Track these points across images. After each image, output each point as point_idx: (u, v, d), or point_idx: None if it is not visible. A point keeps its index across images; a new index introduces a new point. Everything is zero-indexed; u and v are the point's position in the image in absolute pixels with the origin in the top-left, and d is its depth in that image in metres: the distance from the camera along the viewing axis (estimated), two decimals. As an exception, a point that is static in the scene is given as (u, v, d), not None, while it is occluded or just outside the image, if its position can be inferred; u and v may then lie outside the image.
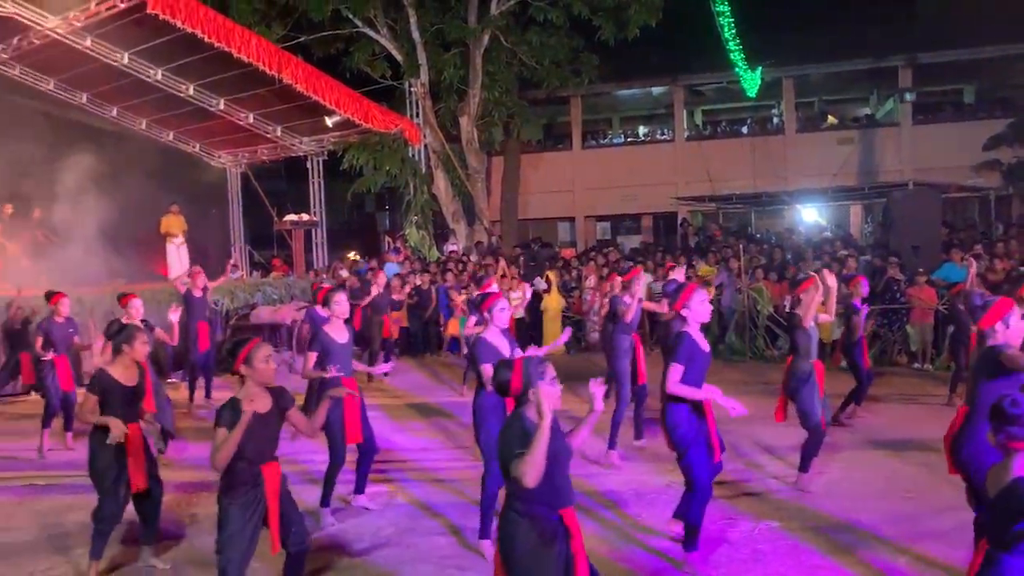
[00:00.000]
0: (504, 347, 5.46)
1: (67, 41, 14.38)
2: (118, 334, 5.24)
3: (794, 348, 6.71)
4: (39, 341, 8.25)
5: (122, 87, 16.09)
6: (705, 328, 5.42)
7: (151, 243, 16.72)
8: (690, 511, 5.09)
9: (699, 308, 5.20)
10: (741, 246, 14.90)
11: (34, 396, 10.14)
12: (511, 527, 3.40)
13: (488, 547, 5.25)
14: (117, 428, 4.87)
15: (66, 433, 8.46)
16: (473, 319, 5.97)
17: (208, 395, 10.27)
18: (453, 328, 14.61)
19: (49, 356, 8.17)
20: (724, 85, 23.49)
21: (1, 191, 14.38)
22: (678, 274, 9.69)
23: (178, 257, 16.06)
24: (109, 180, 14.40)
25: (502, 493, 3.66)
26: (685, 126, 24.45)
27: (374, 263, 16.90)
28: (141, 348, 5.13)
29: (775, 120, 24.86)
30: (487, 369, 5.22)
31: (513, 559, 3.38)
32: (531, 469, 3.20)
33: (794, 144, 22.79)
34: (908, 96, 20.98)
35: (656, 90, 24.98)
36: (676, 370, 5.00)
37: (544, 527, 3.39)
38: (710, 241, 18.51)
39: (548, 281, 14.44)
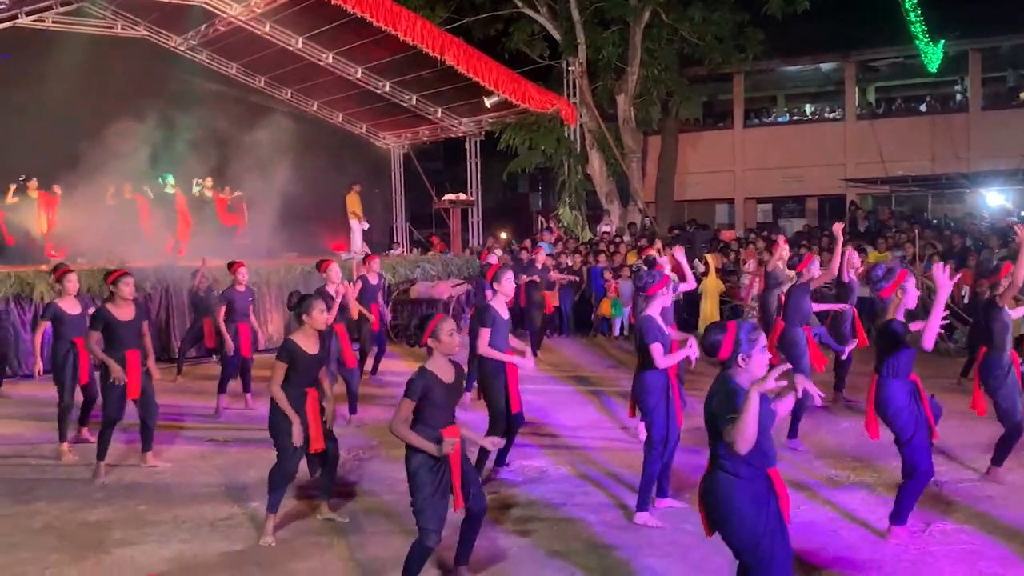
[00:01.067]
0: (663, 326, 5.59)
1: (248, 27, 15.32)
2: (298, 305, 5.42)
3: (989, 339, 6.25)
4: (222, 309, 8.88)
5: (295, 71, 17.03)
6: (872, 318, 5.33)
7: (321, 220, 17.60)
8: (905, 492, 5.08)
9: (912, 294, 5.22)
10: (916, 231, 13.97)
11: (215, 359, 10.93)
12: (725, 487, 3.47)
13: (647, 518, 5.46)
14: (298, 431, 5.16)
15: (245, 395, 9.09)
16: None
17: (374, 371, 10.68)
18: (605, 309, 14.56)
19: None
20: (901, 60, 21.99)
21: (197, 168, 15.48)
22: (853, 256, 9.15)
23: (360, 234, 17.03)
24: (282, 160, 15.25)
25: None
26: (856, 104, 23.09)
27: (527, 243, 17.08)
28: (318, 316, 5.34)
29: (958, 97, 23.05)
30: (657, 348, 5.45)
31: (735, 517, 3.45)
32: (740, 436, 3.26)
33: (979, 122, 21.02)
34: (1118, 68, 18.90)
35: (825, 66, 23.72)
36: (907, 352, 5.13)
37: (758, 485, 3.46)
38: (881, 226, 17.46)
39: (706, 264, 14.09)
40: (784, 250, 9.21)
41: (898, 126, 21.90)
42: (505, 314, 6.31)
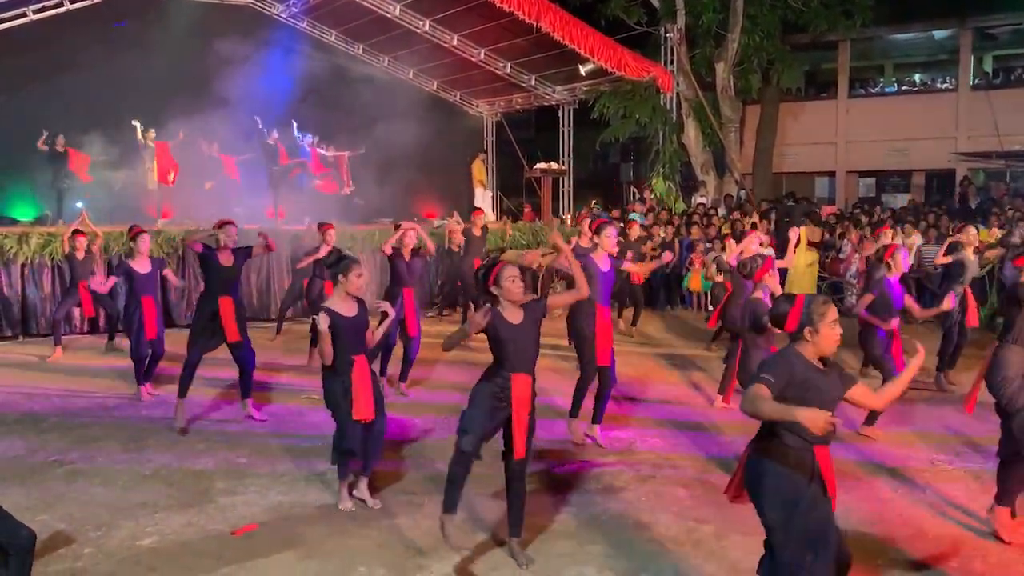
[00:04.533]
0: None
1: (348, -6, 15.51)
2: (335, 265, 5.16)
3: None
4: (307, 264, 9.26)
5: (392, 39, 17.18)
6: (982, 300, 5.10)
7: (415, 186, 17.83)
8: (1003, 472, 4.86)
9: None
10: (1033, 209, 13.23)
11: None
12: (761, 461, 3.42)
13: None
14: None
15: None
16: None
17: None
18: (695, 283, 14.34)
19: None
20: (1023, 27, 20.69)
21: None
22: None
23: (483, 202, 17.31)
24: (378, 127, 15.50)
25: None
26: (972, 73, 21.87)
27: (616, 212, 16.91)
28: (356, 281, 5.11)
29: (1085, 66, 21.58)
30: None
31: (768, 491, 3.38)
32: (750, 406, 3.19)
33: (1110, 93, 19.66)
34: None
35: (938, 34, 22.51)
36: None
37: (801, 460, 3.36)
38: (992, 203, 16.59)
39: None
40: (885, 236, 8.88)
41: (1017, 97, 20.61)
42: (605, 266, 6.33)
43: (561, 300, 4.76)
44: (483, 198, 17.37)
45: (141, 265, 7.89)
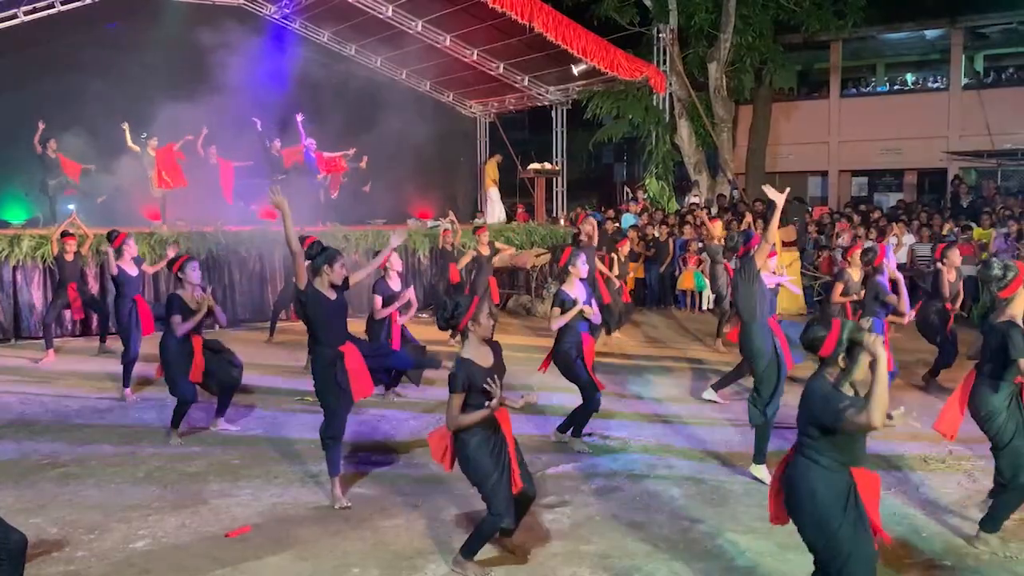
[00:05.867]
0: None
1: (340, -6, 15.45)
2: (319, 255, 5.26)
3: None
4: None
5: (385, 39, 17.14)
6: (975, 298, 5.11)
7: (408, 187, 17.80)
8: (1000, 504, 4.77)
9: None
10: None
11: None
12: (804, 473, 3.50)
13: (763, 471, 5.63)
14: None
15: None
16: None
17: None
18: (687, 282, 14.36)
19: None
20: (1014, 26, 20.74)
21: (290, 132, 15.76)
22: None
23: (495, 203, 17.33)
24: (370, 128, 15.45)
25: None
26: (963, 73, 21.93)
27: (611, 212, 16.92)
28: (339, 271, 5.23)
29: (1076, 65, 21.64)
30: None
31: (809, 504, 3.49)
32: (874, 412, 3.20)
33: (1098, 93, 19.75)
34: None
35: (930, 33, 22.54)
36: None
37: (838, 478, 3.47)
38: (984, 202, 16.64)
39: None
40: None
41: (1008, 96, 20.69)
42: (574, 294, 6.45)
43: None
44: (496, 199, 17.48)
45: (131, 268, 8.33)
